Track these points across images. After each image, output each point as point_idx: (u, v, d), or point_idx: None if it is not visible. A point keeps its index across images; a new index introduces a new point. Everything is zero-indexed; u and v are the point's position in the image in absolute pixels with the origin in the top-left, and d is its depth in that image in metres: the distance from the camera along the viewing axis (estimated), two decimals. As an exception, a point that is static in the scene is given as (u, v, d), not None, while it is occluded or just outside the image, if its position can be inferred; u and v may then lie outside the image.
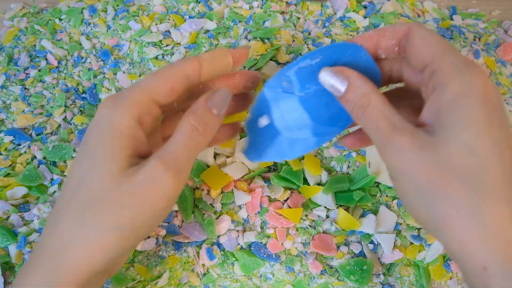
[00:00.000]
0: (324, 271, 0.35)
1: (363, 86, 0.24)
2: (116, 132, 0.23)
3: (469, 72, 0.21)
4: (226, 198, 0.38)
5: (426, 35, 0.24)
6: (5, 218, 0.37)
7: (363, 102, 0.24)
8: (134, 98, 0.24)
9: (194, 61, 0.26)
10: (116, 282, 0.34)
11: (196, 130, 0.24)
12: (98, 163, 0.23)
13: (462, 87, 0.21)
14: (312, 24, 0.51)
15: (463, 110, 0.21)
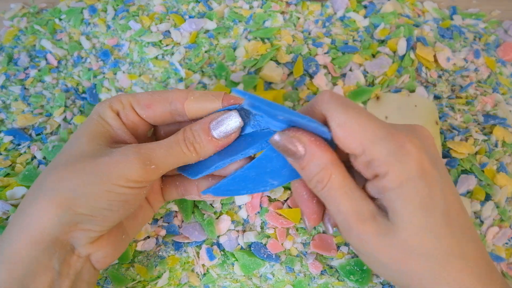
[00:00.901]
0: (324, 271, 0.35)
1: (322, 157, 0.23)
2: (99, 119, 0.27)
3: (404, 156, 0.22)
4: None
5: (345, 122, 0.22)
6: (5, 218, 0.37)
7: (322, 177, 0.23)
8: (116, 98, 0.28)
9: (183, 92, 0.27)
10: (116, 282, 0.34)
11: (183, 142, 0.26)
12: (79, 138, 0.26)
13: (402, 175, 0.22)
14: (312, 24, 0.51)
15: (408, 196, 0.22)
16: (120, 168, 0.24)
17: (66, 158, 0.25)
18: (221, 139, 0.26)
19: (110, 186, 0.24)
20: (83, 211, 0.24)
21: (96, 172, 0.24)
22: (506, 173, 0.41)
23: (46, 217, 0.23)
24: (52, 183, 0.24)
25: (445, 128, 0.44)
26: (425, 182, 0.22)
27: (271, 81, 0.45)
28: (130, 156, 0.24)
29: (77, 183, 0.24)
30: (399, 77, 0.46)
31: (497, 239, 0.38)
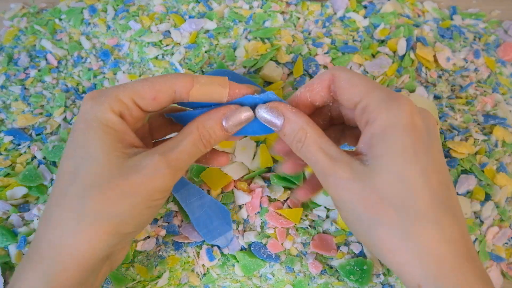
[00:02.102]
0: (324, 271, 0.35)
1: (297, 121, 0.25)
2: (103, 127, 0.24)
3: (394, 105, 0.23)
4: (226, 198, 0.38)
5: (350, 76, 0.25)
6: (5, 218, 0.37)
7: (300, 136, 0.25)
8: (115, 96, 0.25)
9: (187, 79, 0.26)
10: (116, 282, 0.34)
11: (201, 141, 0.26)
12: (93, 153, 0.24)
13: (389, 120, 0.23)
14: (312, 24, 0.51)
15: (390, 141, 0.22)
16: (157, 184, 0.24)
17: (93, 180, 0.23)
18: (233, 132, 0.27)
19: (151, 202, 0.25)
20: (129, 231, 0.25)
21: (136, 193, 0.24)
22: (506, 173, 0.41)
23: (96, 245, 0.24)
24: (94, 210, 0.23)
25: (445, 128, 0.44)
26: (412, 133, 0.22)
27: (271, 81, 0.45)
28: (164, 171, 0.24)
29: (122, 208, 0.24)
30: (399, 77, 0.46)
31: (497, 239, 0.38)
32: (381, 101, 0.23)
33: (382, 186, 0.22)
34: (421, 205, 0.22)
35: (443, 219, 0.22)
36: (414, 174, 0.22)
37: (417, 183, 0.22)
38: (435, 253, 0.21)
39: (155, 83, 0.26)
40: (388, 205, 0.22)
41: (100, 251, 0.24)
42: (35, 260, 0.24)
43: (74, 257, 0.23)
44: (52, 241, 0.24)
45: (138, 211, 0.24)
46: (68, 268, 0.23)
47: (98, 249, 0.24)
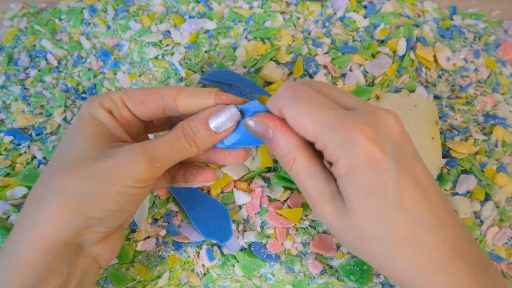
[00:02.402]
0: (324, 271, 0.35)
1: (286, 142, 0.24)
2: (92, 119, 0.26)
3: (350, 146, 0.22)
4: (226, 198, 0.38)
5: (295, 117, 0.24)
6: (5, 218, 0.37)
7: (288, 159, 0.25)
8: (107, 96, 0.27)
9: (174, 88, 0.27)
10: (116, 282, 0.34)
11: (184, 137, 0.26)
12: (77, 140, 0.25)
13: (349, 162, 0.23)
14: (312, 24, 0.51)
15: (356, 183, 0.22)
16: (129, 170, 0.24)
17: (68, 161, 0.25)
18: (220, 133, 0.27)
19: (120, 188, 0.24)
20: (95, 215, 0.24)
21: (105, 175, 0.24)
22: (506, 173, 0.41)
23: (59, 223, 0.23)
24: (60, 187, 0.24)
25: (445, 128, 0.44)
26: (373, 170, 0.22)
27: (271, 81, 0.45)
28: (137, 157, 0.24)
29: (87, 187, 0.24)
30: (399, 77, 0.46)
31: (497, 239, 0.38)
32: (336, 143, 0.23)
33: (360, 225, 0.23)
34: (399, 233, 0.22)
35: (422, 235, 0.22)
36: (386, 208, 0.22)
37: (392, 215, 0.22)
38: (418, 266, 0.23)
39: (146, 89, 0.28)
40: (369, 240, 0.23)
41: (63, 231, 0.23)
42: (7, 238, 0.25)
43: (37, 234, 0.23)
44: (21, 218, 0.24)
45: (104, 194, 0.24)
46: (31, 246, 0.23)
47: (60, 227, 0.23)
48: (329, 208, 0.24)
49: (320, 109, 0.23)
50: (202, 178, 0.31)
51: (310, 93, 0.24)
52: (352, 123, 0.23)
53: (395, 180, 0.22)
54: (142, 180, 0.25)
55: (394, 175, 0.22)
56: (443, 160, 0.41)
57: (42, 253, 0.23)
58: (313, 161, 0.24)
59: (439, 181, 0.40)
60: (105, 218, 0.25)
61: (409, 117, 0.42)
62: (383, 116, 0.24)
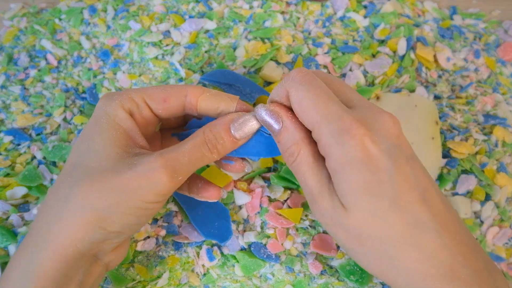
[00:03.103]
0: (324, 271, 0.35)
1: (294, 134, 0.24)
2: (111, 122, 0.25)
3: (345, 139, 0.22)
4: (226, 198, 0.38)
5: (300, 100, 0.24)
6: (5, 218, 0.37)
7: (293, 151, 0.24)
8: (127, 95, 0.26)
9: (197, 87, 0.27)
10: (116, 282, 0.34)
11: (205, 145, 0.25)
12: (95, 147, 0.24)
13: (343, 157, 0.22)
14: (312, 24, 0.51)
15: (351, 180, 0.22)
16: (150, 185, 0.23)
17: (88, 171, 0.24)
18: (241, 139, 0.26)
19: (141, 204, 0.24)
20: (113, 229, 0.24)
21: (125, 190, 0.23)
22: (506, 173, 0.41)
23: (77, 236, 0.23)
24: (81, 199, 0.23)
25: (445, 128, 0.44)
26: (368, 167, 0.22)
27: (271, 81, 0.45)
28: (159, 171, 0.23)
29: (108, 203, 0.23)
30: (399, 77, 0.46)
31: (497, 239, 0.38)
32: (330, 136, 0.22)
33: (356, 224, 0.22)
34: (397, 233, 0.22)
35: (421, 238, 0.22)
36: (383, 206, 0.22)
37: (388, 214, 0.22)
38: (418, 271, 0.22)
39: (167, 87, 0.27)
40: (366, 238, 0.23)
41: (80, 243, 0.23)
42: (23, 246, 0.24)
43: (55, 245, 0.23)
44: (39, 227, 0.24)
45: (125, 209, 0.23)
46: (50, 256, 0.23)
47: (77, 239, 0.23)
48: (327, 204, 0.23)
49: (324, 100, 0.23)
50: (206, 195, 0.31)
51: (319, 83, 0.24)
52: (352, 118, 0.22)
53: (391, 179, 0.22)
54: (162, 194, 0.24)
55: (390, 174, 0.22)
56: (443, 160, 0.41)
57: (61, 264, 0.23)
58: (317, 156, 0.24)
59: (439, 181, 0.40)
60: (122, 231, 0.25)
61: (409, 117, 0.42)
62: (383, 118, 0.24)
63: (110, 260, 0.27)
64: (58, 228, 0.23)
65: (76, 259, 0.24)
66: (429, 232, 0.22)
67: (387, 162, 0.22)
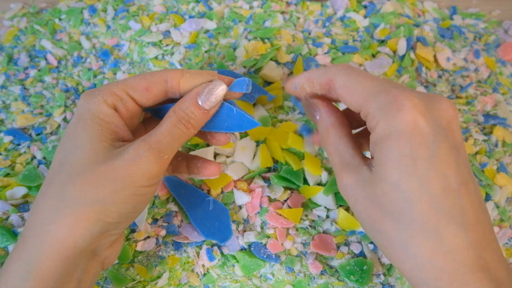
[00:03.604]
0: (324, 271, 0.35)
1: (326, 120, 0.27)
2: (95, 119, 0.25)
3: (392, 111, 0.22)
4: (226, 198, 0.38)
5: (346, 82, 0.25)
6: (5, 218, 0.37)
7: (324, 134, 0.27)
8: (109, 89, 0.26)
9: (176, 71, 0.27)
10: (116, 282, 0.34)
11: (180, 123, 0.26)
12: (81, 143, 0.25)
13: (386, 128, 0.22)
14: (312, 24, 0.51)
15: (388, 150, 0.22)
16: (140, 168, 0.24)
17: (78, 168, 0.24)
18: (211, 109, 0.27)
19: (135, 189, 0.24)
20: (112, 220, 0.24)
21: (118, 179, 0.23)
22: (506, 173, 0.41)
23: (77, 232, 0.23)
24: (76, 196, 0.23)
25: (445, 128, 0.44)
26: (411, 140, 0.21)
27: (271, 81, 0.45)
28: (145, 154, 0.24)
29: (103, 193, 0.23)
30: (399, 77, 0.46)
31: (497, 239, 0.38)
32: (379, 108, 0.22)
33: (381, 196, 0.22)
34: (418, 216, 0.21)
35: (445, 229, 0.21)
36: (410, 184, 0.21)
37: (415, 195, 0.21)
38: (433, 265, 0.21)
39: (147, 75, 0.27)
40: (386, 215, 0.22)
41: (81, 239, 0.23)
42: (19, 247, 0.24)
43: (55, 244, 0.23)
44: (35, 228, 0.24)
45: (121, 198, 0.24)
46: (49, 256, 0.23)
47: (78, 236, 0.23)
48: (351, 177, 0.24)
49: (369, 78, 0.24)
50: (207, 172, 0.31)
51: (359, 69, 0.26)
52: (401, 91, 0.22)
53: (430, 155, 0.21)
54: (153, 176, 0.25)
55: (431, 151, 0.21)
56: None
57: (60, 262, 0.23)
58: (343, 138, 0.26)
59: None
60: (121, 221, 0.25)
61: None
62: (439, 98, 0.23)
63: (106, 256, 0.27)
64: (56, 227, 0.23)
65: (75, 256, 0.24)
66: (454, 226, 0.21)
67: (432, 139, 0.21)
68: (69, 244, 0.23)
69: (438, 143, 0.21)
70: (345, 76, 0.25)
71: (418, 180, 0.21)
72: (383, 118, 0.22)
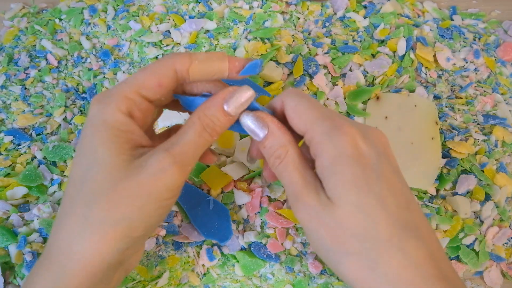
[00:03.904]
0: (324, 271, 0.35)
1: (281, 137, 0.25)
2: (111, 130, 0.24)
3: (337, 136, 0.23)
4: (226, 198, 0.38)
5: (295, 105, 0.25)
6: (5, 218, 0.37)
7: (280, 153, 0.25)
8: (121, 94, 0.24)
9: (184, 57, 0.25)
10: (116, 282, 0.34)
11: (205, 131, 0.25)
12: (100, 158, 0.23)
13: (334, 152, 0.23)
14: (312, 24, 0.51)
15: (340, 173, 0.22)
16: (165, 182, 0.23)
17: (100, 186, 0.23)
18: (237, 115, 0.26)
19: (159, 203, 0.24)
20: (139, 234, 0.24)
21: (143, 194, 0.23)
22: (506, 173, 0.41)
23: (104, 250, 0.23)
24: (102, 215, 0.23)
25: (445, 128, 0.44)
26: (359, 162, 0.22)
27: (271, 81, 0.45)
28: (170, 168, 0.23)
29: (129, 211, 0.23)
30: (399, 77, 0.46)
31: (497, 239, 0.38)
32: (323, 133, 0.23)
33: (343, 218, 0.22)
34: (382, 233, 0.22)
35: (407, 244, 0.22)
36: (370, 203, 0.22)
37: (375, 212, 0.22)
38: (404, 278, 0.21)
39: (155, 67, 0.25)
40: (351, 236, 0.22)
41: (109, 257, 0.23)
42: (45, 265, 0.24)
43: (82, 264, 0.23)
44: (61, 247, 0.23)
45: (147, 213, 0.23)
46: (77, 275, 0.23)
47: (106, 254, 0.23)
48: (313, 199, 0.23)
49: (318, 106, 0.25)
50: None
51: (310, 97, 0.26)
52: (344, 121, 0.24)
53: (378, 178, 0.22)
54: (176, 189, 0.24)
55: (378, 174, 0.22)
56: (443, 160, 0.41)
57: (88, 280, 0.23)
58: (302, 157, 0.25)
59: (439, 181, 0.40)
60: (146, 234, 0.25)
61: (409, 117, 0.42)
62: (373, 130, 0.25)
63: (130, 263, 0.27)
64: (83, 247, 0.23)
65: (103, 272, 0.24)
66: (414, 239, 0.22)
67: (376, 161, 0.23)
68: (96, 263, 0.23)
69: (381, 164, 0.23)
70: (296, 98, 0.25)
71: (375, 198, 0.22)
72: (329, 143, 0.23)
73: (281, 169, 0.25)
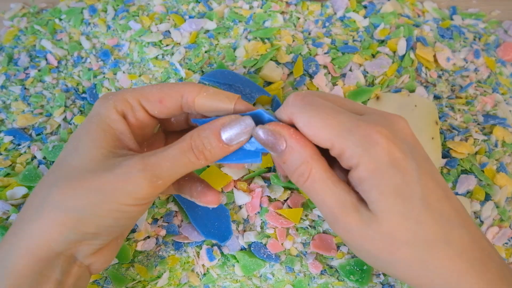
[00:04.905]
0: (324, 271, 0.35)
1: (302, 152, 0.23)
2: (101, 123, 0.25)
3: (371, 146, 0.22)
4: (226, 198, 0.38)
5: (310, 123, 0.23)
6: (5, 218, 0.37)
7: (303, 171, 0.23)
8: (122, 96, 0.25)
9: (194, 86, 0.26)
10: (116, 282, 0.34)
11: (191, 151, 0.24)
12: (81, 146, 0.24)
13: (372, 164, 0.22)
14: (312, 24, 0.51)
15: (382, 185, 0.22)
16: (127, 187, 0.23)
17: (68, 172, 0.24)
18: (232, 145, 0.24)
19: (117, 206, 0.23)
20: (89, 230, 0.24)
21: (101, 192, 0.23)
22: (506, 173, 0.41)
23: (52, 235, 0.23)
24: (57, 200, 0.23)
25: (445, 128, 0.44)
26: (397, 169, 0.22)
27: (271, 81, 0.45)
28: (137, 174, 0.22)
29: (82, 203, 0.23)
30: (399, 77, 0.46)
31: (497, 239, 0.38)
32: (355, 145, 0.22)
33: (391, 230, 0.22)
34: (430, 233, 0.22)
35: (451, 235, 0.22)
36: (415, 208, 0.22)
37: (421, 215, 0.22)
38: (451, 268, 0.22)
39: (164, 86, 0.26)
40: (400, 245, 0.22)
41: (55, 244, 0.23)
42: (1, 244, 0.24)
43: (29, 244, 0.23)
44: (15, 225, 0.24)
45: (100, 211, 0.23)
46: (23, 256, 0.23)
47: (52, 240, 0.23)
48: (353, 218, 0.22)
49: (333, 114, 0.23)
50: (205, 200, 0.29)
51: (319, 100, 0.24)
52: (368, 124, 0.22)
53: (417, 179, 0.22)
54: (141, 198, 0.23)
55: (416, 174, 0.22)
56: (443, 160, 0.41)
57: (34, 262, 0.23)
58: (330, 172, 0.23)
59: (439, 181, 0.40)
60: (99, 233, 0.24)
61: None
62: (394, 119, 0.24)
63: (92, 263, 0.26)
64: (33, 227, 0.23)
65: (51, 258, 0.23)
66: (457, 228, 0.22)
67: (411, 163, 0.22)
68: (42, 246, 0.23)
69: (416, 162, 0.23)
70: (306, 114, 0.23)
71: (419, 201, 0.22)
72: (364, 155, 0.22)
73: (308, 188, 0.24)
